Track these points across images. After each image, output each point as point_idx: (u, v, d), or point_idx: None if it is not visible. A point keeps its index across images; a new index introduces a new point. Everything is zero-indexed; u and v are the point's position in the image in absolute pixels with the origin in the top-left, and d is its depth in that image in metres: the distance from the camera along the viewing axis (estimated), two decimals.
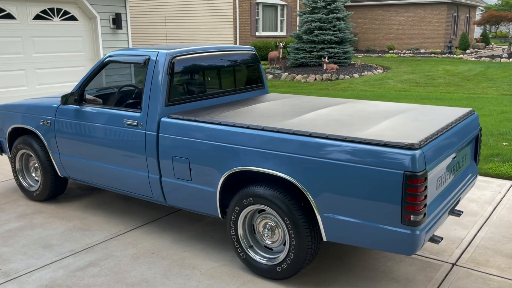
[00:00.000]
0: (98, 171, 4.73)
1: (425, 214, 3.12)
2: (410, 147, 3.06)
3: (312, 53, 19.12)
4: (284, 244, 3.70)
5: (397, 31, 30.09)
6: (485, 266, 3.98)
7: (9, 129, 5.48)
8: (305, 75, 17.72)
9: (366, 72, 18.35)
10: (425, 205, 3.10)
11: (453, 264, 4.02)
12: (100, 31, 10.20)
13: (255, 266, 3.80)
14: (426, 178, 3.06)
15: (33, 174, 5.52)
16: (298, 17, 20.15)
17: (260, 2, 23.21)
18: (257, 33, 23.22)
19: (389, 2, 29.50)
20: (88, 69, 10.12)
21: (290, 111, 4.18)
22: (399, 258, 4.13)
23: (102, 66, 4.69)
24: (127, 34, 10.77)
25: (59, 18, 9.72)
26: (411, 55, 25.67)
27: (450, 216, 4.95)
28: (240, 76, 5.21)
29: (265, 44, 21.93)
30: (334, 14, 19.18)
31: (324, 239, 3.48)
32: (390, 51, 28.34)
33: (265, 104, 4.57)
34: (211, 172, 3.89)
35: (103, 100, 4.86)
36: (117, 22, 10.41)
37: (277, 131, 3.56)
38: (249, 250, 3.83)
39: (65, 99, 4.75)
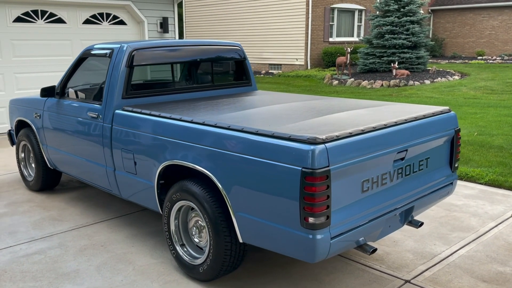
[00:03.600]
0: (73, 162, 4.85)
1: (328, 217, 2.79)
2: (311, 141, 2.75)
3: (382, 58, 18.32)
4: None
5: (489, 36, 27.97)
6: (443, 287, 3.48)
7: (15, 122, 5.81)
8: (372, 81, 17.04)
9: (439, 78, 17.23)
10: (327, 207, 2.77)
11: (406, 281, 3.57)
12: (147, 35, 10.56)
13: (184, 264, 3.65)
14: (328, 177, 2.74)
15: (33, 165, 5.80)
16: (369, 21, 19.45)
17: (335, 7, 22.75)
18: (330, 39, 22.76)
19: (481, 5, 27.54)
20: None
21: (244, 107, 3.98)
22: (348, 270, 3.75)
23: (79, 59, 4.81)
24: (174, 37, 11.04)
25: (108, 22, 10.20)
26: (501, 61, 23.70)
27: (436, 229, 4.44)
28: (220, 72, 5.08)
29: (337, 49, 21.42)
30: (408, 17, 18.24)
31: (240, 240, 3.25)
32: (479, 57, 26.40)
33: (231, 100, 4.40)
34: (149, 165, 3.81)
35: (86, 93, 4.98)
36: (164, 26, 10.71)
37: (195, 123, 3.42)
38: (179, 247, 3.69)
39: (44, 92, 4.93)
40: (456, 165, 3.87)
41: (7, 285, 3.57)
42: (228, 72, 5.17)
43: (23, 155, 5.82)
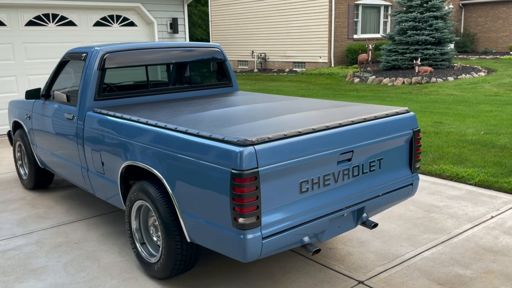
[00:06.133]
0: (57, 162, 5.04)
1: (258, 217, 2.83)
2: (240, 143, 2.80)
3: (405, 55, 18.01)
4: None
5: None
6: None
7: (12, 122, 6.07)
8: (393, 78, 16.79)
9: (464, 75, 16.80)
10: (257, 207, 2.81)
11: (360, 282, 3.57)
12: (157, 36, 10.76)
13: (143, 262, 3.75)
14: (256, 178, 2.78)
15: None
16: (390, 17, 19.12)
17: (359, 4, 22.48)
18: (355, 36, 22.52)
19: None
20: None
21: (209, 108, 4.05)
22: (306, 269, 3.77)
23: (61, 62, 4.99)
24: (185, 38, 11.21)
25: (118, 24, 10.45)
26: None
27: (408, 230, 4.40)
28: (199, 74, 5.16)
29: (360, 47, 21.18)
30: (431, 13, 17.84)
31: (188, 240, 3.33)
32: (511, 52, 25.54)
33: (203, 101, 4.47)
34: (114, 166, 3.94)
35: (65, 96, 5.14)
36: (174, 26, 10.89)
37: (140, 123, 3.54)
38: (140, 245, 3.80)
39: (29, 94, 5.13)
40: (417, 166, 3.82)
41: None
42: (208, 74, 5.25)
43: (19, 154, 6.08)
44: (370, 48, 17.69)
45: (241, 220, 2.79)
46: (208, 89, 5.14)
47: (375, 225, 3.57)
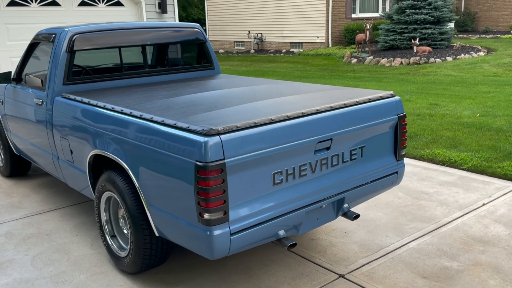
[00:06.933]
0: (30, 149, 4.83)
1: (225, 212, 2.62)
2: (205, 133, 2.58)
3: (403, 35, 17.63)
4: None
5: None
6: (376, 283, 3.27)
7: None
8: (391, 58, 16.46)
9: (463, 55, 16.46)
10: (224, 202, 2.60)
11: (340, 276, 3.38)
12: (145, 16, 10.43)
13: (113, 256, 3.56)
14: (223, 170, 2.56)
15: None
16: None
17: None
18: (353, 15, 22.07)
19: None
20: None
21: (183, 92, 3.82)
22: (285, 262, 3.58)
23: (31, 45, 4.73)
24: (174, 18, 10.88)
25: (104, 4, 10.12)
26: None
27: (394, 219, 4.21)
28: (178, 56, 4.91)
29: (359, 26, 20.75)
30: None
31: (156, 234, 3.13)
32: None
33: (180, 85, 4.23)
34: (82, 154, 3.72)
35: (35, 80, 4.88)
36: (162, 6, 10.55)
37: (108, 109, 3.32)
38: (109, 238, 3.60)
39: None
40: (402, 153, 3.61)
41: None
42: (187, 56, 5.00)
43: None
44: (368, 27, 17.32)
45: (206, 215, 2.59)
46: (187, 72, 4.90)
47: (357, 216, 3.36)
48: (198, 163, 2.55)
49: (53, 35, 4.27)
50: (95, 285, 3.36)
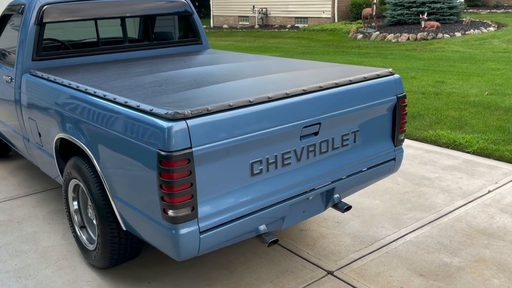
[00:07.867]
0: (4, 131, 4.52)
1: (194, 208, 2.31)
2: (169, 117, 2.25)
3: (411, 9, 17.03)
4: None
5: None
6: (367, 282, 2.97)
7: None
8: (398, 34, 15.93)
9: (472, 30, 15.88)
10: (192, 196, 2.29)
11: (329, 273, 3.08)
12: None
13: (82, 248, 3.28)
14: (190, 161, 2.24)
15: None
16: None
17: None
18: None
19: None
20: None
21: (161, 69, 3.47)
22: (270, 257, 3.28)
23: (2, 17, 4.39)
24: None
25: None
26: None
27: (392, 208, 3.89)
28: (162, 30, 4.55)
29: (365, 1, 20.12)
30: None
31: (124, 228, 2.82)
32: None
33: (160, 61, 3.88)
34: (49, 138, 3.41)
35: (5, 55, 4.55)
36: None
37: (72, 88, 3.00)
38: (79, 229, 3.31)
39: None
40: (401, 138, 3.26)
41: None
42: (173, 29, 4.63)
43: None
44: (375, 2, 16.72)
45: (171, 212, 2.27)
46: (172, 47, 4.53)
47: (348, 207, 3.03)
48: (161, 152, 2.22)
49: (22, 6, 3.91)
50: (60, 280, 3.08)
